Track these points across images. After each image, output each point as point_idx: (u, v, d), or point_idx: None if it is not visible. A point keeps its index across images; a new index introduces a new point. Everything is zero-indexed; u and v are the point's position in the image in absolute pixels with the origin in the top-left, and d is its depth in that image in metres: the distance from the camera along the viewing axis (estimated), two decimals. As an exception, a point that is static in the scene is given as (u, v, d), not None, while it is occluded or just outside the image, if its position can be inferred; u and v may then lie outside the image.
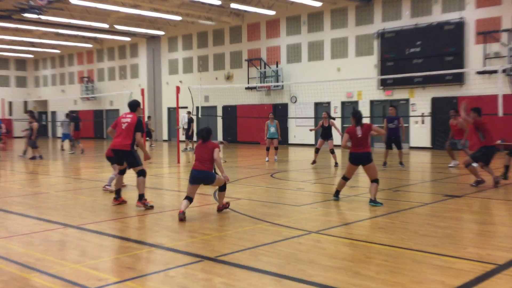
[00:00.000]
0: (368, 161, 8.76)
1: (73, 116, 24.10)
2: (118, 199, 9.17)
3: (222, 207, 8.28)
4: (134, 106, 9.18)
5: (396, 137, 15.17)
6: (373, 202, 8.62)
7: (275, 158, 17.78)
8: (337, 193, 9.25)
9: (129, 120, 8.98)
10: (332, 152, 16.07)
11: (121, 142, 8.99)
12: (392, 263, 5.29)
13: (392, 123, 15.26)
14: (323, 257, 5.56)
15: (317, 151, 16.12)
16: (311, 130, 18.63)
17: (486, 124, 10.91)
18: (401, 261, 5.38)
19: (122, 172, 9.34)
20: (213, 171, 8.10)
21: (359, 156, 8.81)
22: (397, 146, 15.22)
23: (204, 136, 8.00)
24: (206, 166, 7.88)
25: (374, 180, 8.74)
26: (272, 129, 17.89)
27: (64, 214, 8.35)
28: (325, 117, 16.28)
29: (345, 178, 9.12)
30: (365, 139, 8.83)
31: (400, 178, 12.90)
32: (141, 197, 8.79)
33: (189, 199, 7.79)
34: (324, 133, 16.21)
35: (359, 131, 8.81)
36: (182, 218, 7.53)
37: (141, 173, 8.91)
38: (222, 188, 8.18)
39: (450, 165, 14.84)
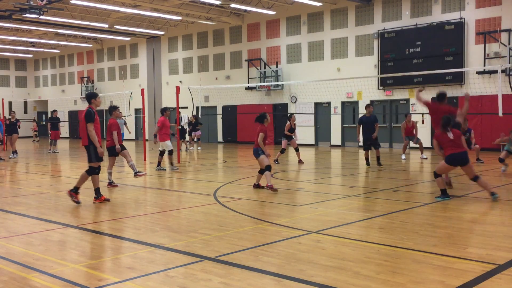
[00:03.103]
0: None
1: (51, 117, 23.96)
2: (98, 198, 9.34)
3: (266, 186, 10.31)
4: (87, 98, 9.51)
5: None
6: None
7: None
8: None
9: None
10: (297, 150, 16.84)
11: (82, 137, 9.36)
12: (392, 263, 5.29)
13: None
14: (323, 257, 5.56)
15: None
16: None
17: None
18: (401, 261, 5.38)
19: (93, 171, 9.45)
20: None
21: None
22: (375, 146, 15.30)
23: (257, 119, 10.49)
24: (255, 145, 10.44)
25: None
26: None
27: (64, 214, 8.35)
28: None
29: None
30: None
31: (400, 178, 12.90)
32: (76, 189, 9.12)
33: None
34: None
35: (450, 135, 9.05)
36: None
37: (89, 171, 9.24)
38: (261, 171, 10.43)
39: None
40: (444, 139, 9.06)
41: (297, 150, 16.94)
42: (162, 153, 15.01)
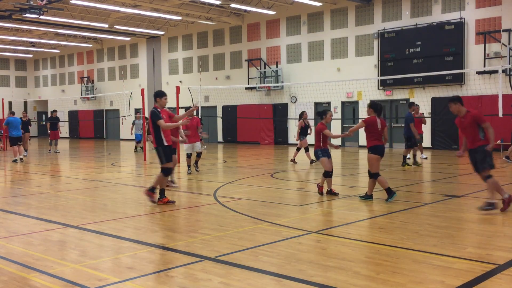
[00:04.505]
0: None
1: (51, 117, 24.07)
2: (161, 199, 9.08)
3: (327, 192, 9.66)
4: (154, 97, 9.35)
5: None
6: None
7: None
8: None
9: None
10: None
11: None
12: (392, 263, 5.29)
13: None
14: (323, 257, 5.56)
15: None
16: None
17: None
18: (401, 261, 5.38)
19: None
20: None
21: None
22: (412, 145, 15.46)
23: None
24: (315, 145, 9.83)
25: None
26: None
27: (64, 214, 8.35)
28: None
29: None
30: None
31: (400, 178, 12.89)
32: (152, 189, 9.02)
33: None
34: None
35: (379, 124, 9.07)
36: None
37: (164, 172, 9.07)
38: (325, 174, 9.65)
39: None
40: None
41: (306, 150, 16.43)
42: (189, 155, 14.14)
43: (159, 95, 9.28)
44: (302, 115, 16.49)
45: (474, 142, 8.08)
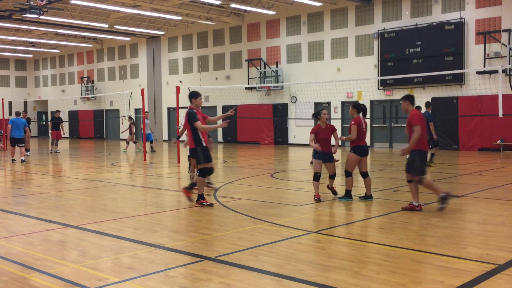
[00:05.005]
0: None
1: (54, 117, 24.14)
2: (198, 201, 8.83)
3: (331, 189, 9.48)
4: (189, 98, 9.07)
5: None
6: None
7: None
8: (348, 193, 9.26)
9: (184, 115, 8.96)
10: None
11: (188, 139, 8.94)
12: (392, 263, 5.29)
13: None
14: (323, 257, 5.56)
15: None
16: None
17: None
18: (401, 261, 5.38)
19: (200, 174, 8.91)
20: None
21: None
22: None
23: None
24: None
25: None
26: None
27: (64, 214, 8.35)
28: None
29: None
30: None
31: (400, 178, 12.89)
32: (198, 197, 8.74)
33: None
34: None
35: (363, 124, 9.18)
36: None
37: (200, 172, 8.79)
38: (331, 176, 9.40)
39: None
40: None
41: None
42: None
43: (194, 95, 9.02)
44: (320, 114, 16.02)
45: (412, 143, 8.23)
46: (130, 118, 24.58)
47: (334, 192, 9.62)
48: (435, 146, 15.26)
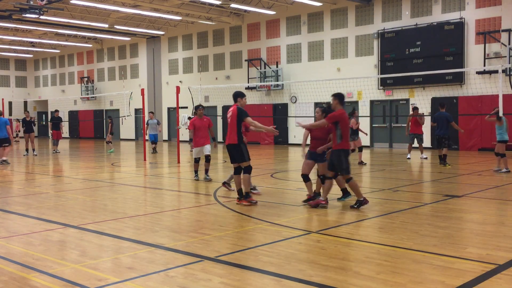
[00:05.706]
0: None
1: (53, 117, 24.19)
2: (240, 199, 8.81)
3: (315, 202, 8.57)
4: (234, 97, 9.36)
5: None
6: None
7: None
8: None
9: (230, 113, 9.13)
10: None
11: (228, 136, 9.01)
12: (392, 263, 5.29)
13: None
14: (323, 257, 5.56)
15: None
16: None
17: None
18: (401, 261, 5.38)
19: (236, 171, 8.95)
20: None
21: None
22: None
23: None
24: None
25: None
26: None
27: (64, 214, 8.35)
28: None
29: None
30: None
31: (400, 178, 12.90)
32: (241, 195, 8.73)
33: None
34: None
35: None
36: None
37: (246, 170, 8.79)
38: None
39: None
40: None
41: (359, 150, 16.10)
42: (197, 160, 12.75)
43: (240, 95, 9.42)
44: (354, 114, 15.54)
45: (334, 142, 8.44)
46: (109, 117, 24.83)
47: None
48: (447, 146, 15.32)
